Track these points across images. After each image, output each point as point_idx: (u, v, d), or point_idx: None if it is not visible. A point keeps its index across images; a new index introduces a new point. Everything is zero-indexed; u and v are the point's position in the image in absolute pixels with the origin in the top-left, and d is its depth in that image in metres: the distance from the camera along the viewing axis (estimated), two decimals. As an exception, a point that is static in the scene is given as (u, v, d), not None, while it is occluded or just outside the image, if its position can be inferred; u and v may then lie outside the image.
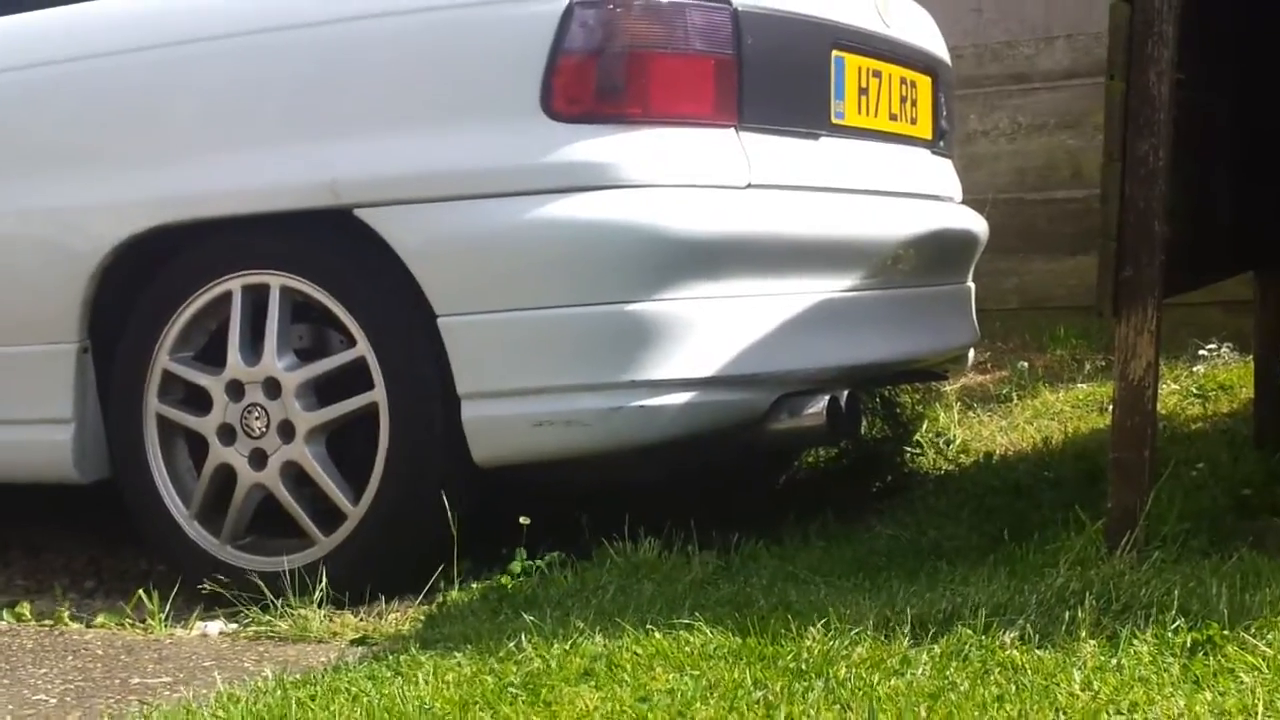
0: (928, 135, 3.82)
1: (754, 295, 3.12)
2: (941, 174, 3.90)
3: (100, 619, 3.13)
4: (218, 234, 3.24)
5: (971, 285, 3.95)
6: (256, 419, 3.19)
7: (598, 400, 2.99)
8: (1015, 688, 2.14)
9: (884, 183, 3.56)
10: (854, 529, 3.39)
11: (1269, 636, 2.24)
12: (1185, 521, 2.80)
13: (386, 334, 3.10)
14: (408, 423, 3.08)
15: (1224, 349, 4.87)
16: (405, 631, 2.83)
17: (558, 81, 2.99)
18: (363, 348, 3.12)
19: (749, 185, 3.13)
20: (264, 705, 2.33)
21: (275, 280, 3.19)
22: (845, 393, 3.22)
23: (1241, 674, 2.13)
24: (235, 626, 3.04)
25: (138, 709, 2.46)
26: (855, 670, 2.24)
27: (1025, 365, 5.00)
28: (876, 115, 3.56)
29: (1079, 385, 4.78)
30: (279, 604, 3.01)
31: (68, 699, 2.55)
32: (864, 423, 3.89)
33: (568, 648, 2.45)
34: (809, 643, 2.35)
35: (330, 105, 3.14)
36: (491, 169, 3.01)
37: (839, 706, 2.12)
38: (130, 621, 3.10)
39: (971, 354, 4.00)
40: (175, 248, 3.29)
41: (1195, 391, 4.46)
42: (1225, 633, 2.25)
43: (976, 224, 3.94)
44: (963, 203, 4.01)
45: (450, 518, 3.01)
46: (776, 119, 3.22)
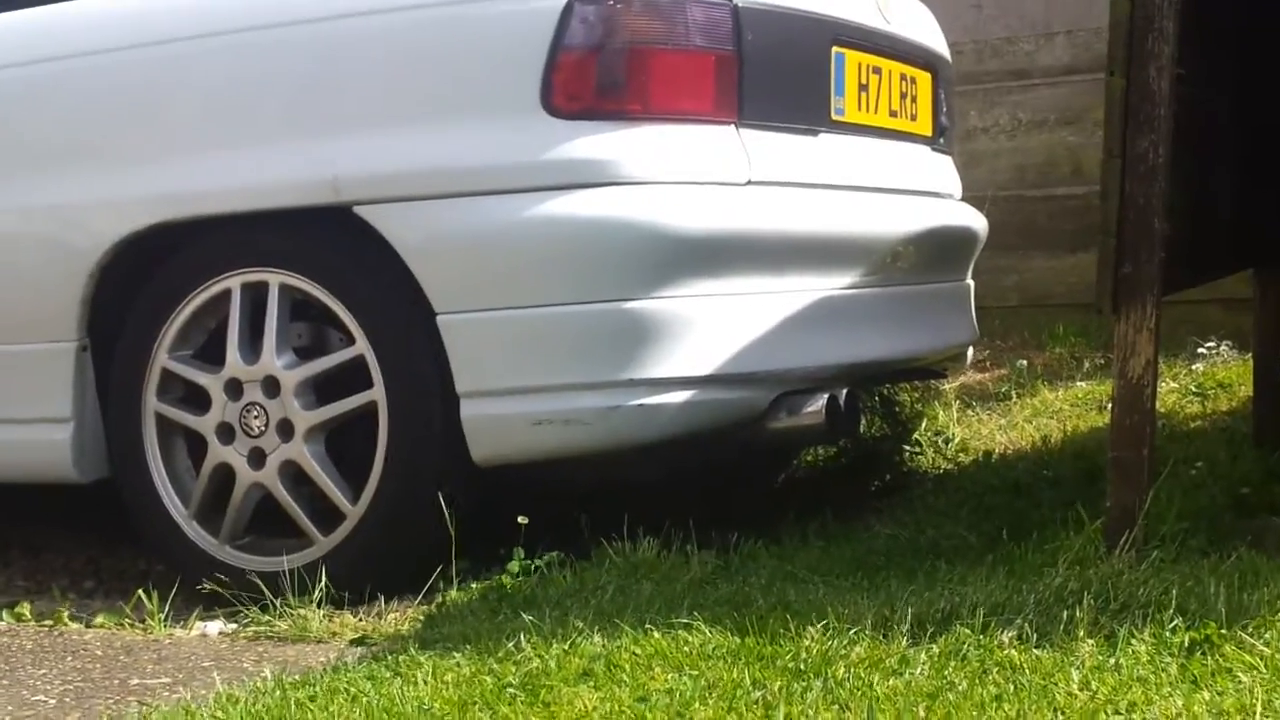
0: (928, 132, 3.82)
1: (753, 293, 3.12)
2: (941, 171, 3.90)
3: (99, 619, 3.13)
4: (217, 231, 3.24)
5: (971, 283, 3.95)
6: (255, 418, 3.19)
7: (597, 399, 2.99)
8: (1013, 687, 2.14)
9: (884, 180, 3.55)
10: (853, 528, 3.39)
11: (1267, 636, 2.24)
12: (1184, 520, 2.80)
13: (385, 332, 3.10)
14: (407, 421, 3.08)
15: (1223, 347, 4.86)
16: (404, 631, 2.83)
17: (558, 78, 2.98)
18: (362, 346, 3.11)
19: (749, 182, 3.12)
20: (263, 706, 2.33)
21: (274, 278, 3.19)
22: (844, 391, 3.22)
23: (1239, 673, 2.13)
24: (234, 626, 3.04)
25: (137, 710, 2.46)
26: (854, 670, 2.24)
27: (1024, 363, 5.00)
28: (876, 112, 3.55)
29: (1078, 383, 4.78)
30: (278, 604, 3.01)
31: (67, 699, 2.55)
32: (863, 421, 3.89)
33: (566, 648, 2.45)
34: (807, 642, 2.35)
35: (330, 102, 3.13)
36: (491, 166, 3.00)
37: (837, 706, 2.12)
38: (129, 622, 3.10)
39: (970, 352, 4.00)
40: (174, 245, 3.28)
41: (1194, 390, 4.45)
42: (1223, 632, 2.25)
43: (976, 221, 3.94)
44: (962, 200, 4.00)
45: (449, 517, 3.01)
46: (777, 115, 3.22)
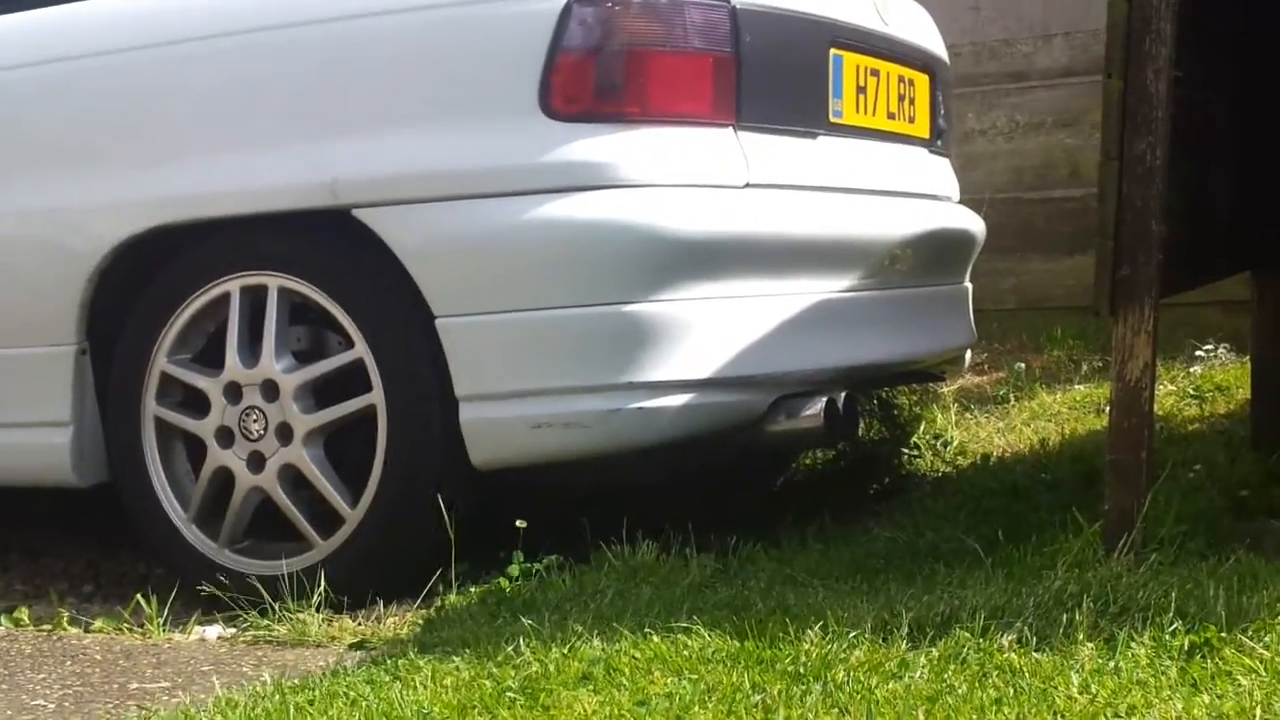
0: (925, 134, 3.82)
1: (752, 296, 3.12)
2: (939, 173, 3.90)
3: (98, 623, 3.13)
4: (216, 235, 3.24)
5: (969, 285, 3.95)
6: (254, 421, 3.19)
7: (596, 402, 2.99)
8: (1013, 690, 2.14)
9: (882, 182, 3.55)
10: (851, 531, 3.38)
11: (1266, 639, 2.24)
12: (1182, 523, 2.79)
13: (384, 335, 3.10)
14: (406, 425, 3.07)
15: (1221, 349, 4.86)
16: (403, 635, 2.83)
17: (556, 80, 2.98)
18: (361, 349, 3.11)
19: (747, 185, 3.12)
20: (262, 710, 2.33)
21: (273, 281, 3.18)
22: (843, 394, 3.21)
23: (1239, 676, 2.13)
24: (233, 631, 3.04)
25: (136, 714, 2.46)
26: (853, 673, 2.24)
27: (1022, 366, 5.00)
28: (874, 114, 3.55)
29: (1076, 386, 4.78)
30: (277, 608, 3.01)
31: (66, 704, 2.55)
32: (861, 424, 3.89)
33: (566, 652, 2.45)
34: (807, 646, 2.35)
35: (329, 105, 3.13)
36: (489, 169, 3.00)
37: (837, 710, 2.12)
38: (128, 626, 3.10)
39: (969, 355, 4.00)
40: (173, 249, 3.28)
41: (1192, 392, 4.45)
42: (1223, 635, 2.25)
43: (974, 223, 3.94)
44: (960, 202, 4.01)
45: (448, 520, 3.01)
46: (775, 118, 3.22)
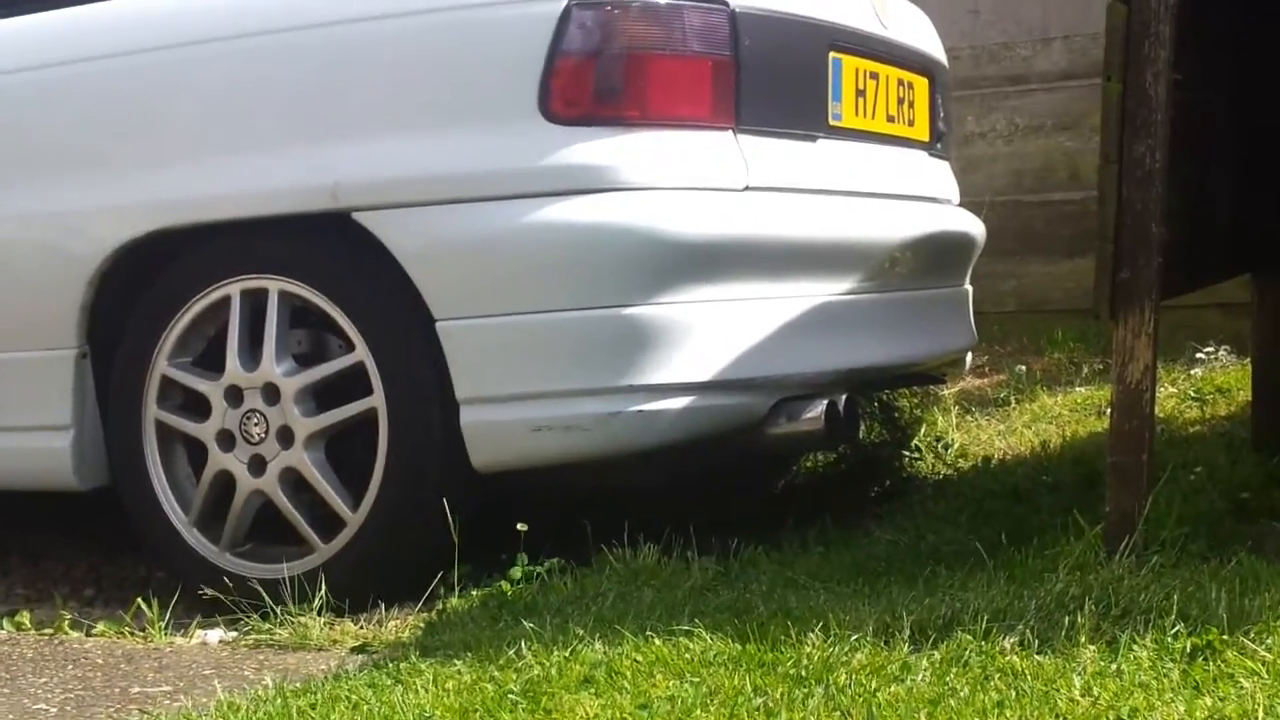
0: (925, 137, 3.82)
1: (752, 298, 3.12)
2: (939, 176, 3.90)
3: (100, 627, 3.13)
4: (217, 238, 3.24)
5: (969, 288, 3.95)
6: (255, 425, 3.19)
7: (596, 405, 2.99)
8: (1015, 693, 2.14)
9: (881, 185, 3.55)
10: (852, 534, 3.38)
11: (1268, 641, 2.24)
12: (1184, 525, 2.79)
13: (385, 339, 3.10)
14: (406, 428, 3.07)
15: (1221, 352, 4.87)
16: (405, 639, 2.83)
17: (555, 84, 2.98)
18: (361, 353, 3.11)
19: (746, 188, 3.12)
20: (264, 714, 2.33)
21: (274, 285, 3.18)
22: (843, 397, 3.21)
23: (1241, 679, 2.13)
24: (235, 634, 3.04)
25: (138, 718, 2.46)
26: (855, 676, 2.24)
27: (1023, 369, 5.00)
28: (874, 117, 3.56)
29: (1077, 389, 4.79)
30: (279, 611, 3.00)
31: (68, 708, 2.55)
32: (862, 427, 3.89)
33: (568, 655, 2.45)
34: (809, 649, 2.35)
35: (329, 108, 3.13)
36: (489, 172, 3.00)
37: (839, 713, 2.12)
38: (130, 630, 3.10)
39: (969, 357, 4.00)
40: (174, 252, 3.28)
41: (1193, 394, 4.46)
42: (1225, 637, 2.25)
43: (974, 226, 3.94)
44: (960, 205, 4.01)
45: (450, 524, 3.01)
46: (774, 121, 3.22)
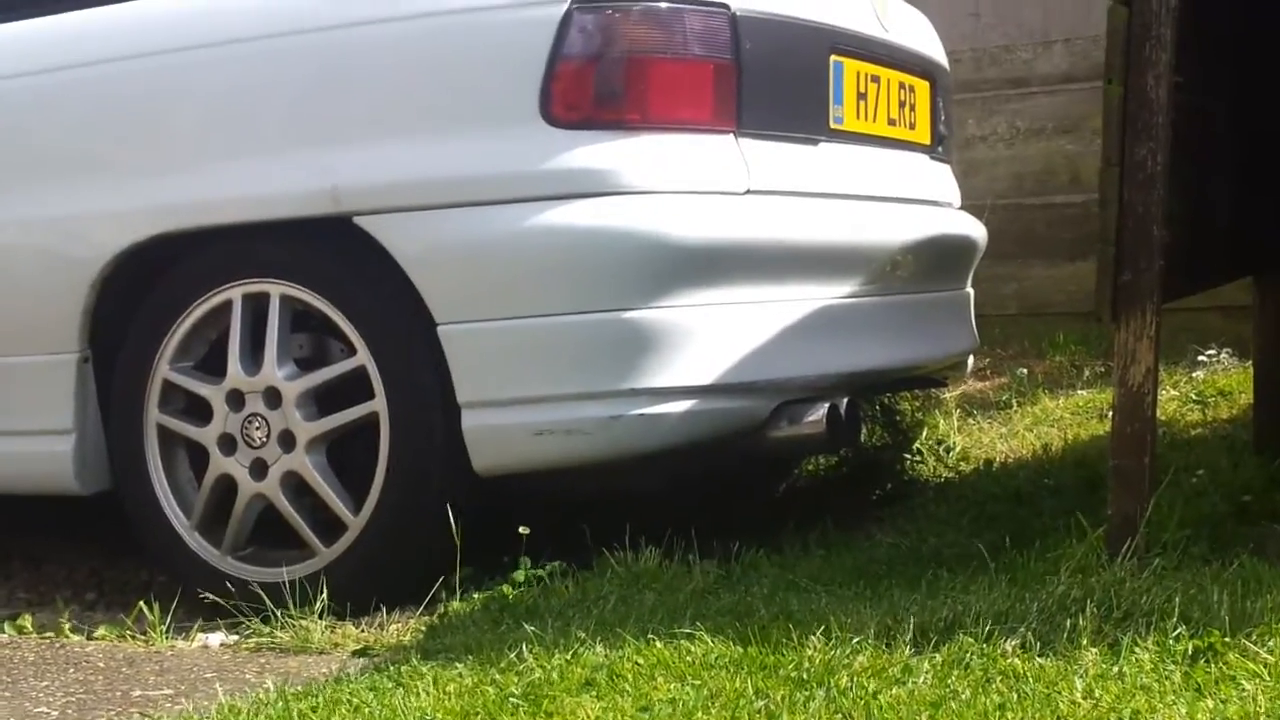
0: (926, 140, 3.82)
1: (753, 302, 3.12)
2: (940, 179, 3.90)
3: (101, 631, 3.13)
4: (218, 242, 3.24)
5: (971, 291, 3.95)
6: (257, 429, 3.19)
7: (598, 408, 2.99)
8: (1017, 696, 2.14)
9: (883, 188, 3.55)
10: (854, 537, 3.39)
11: (1270, 644, 2.24)
12: (1186, 528, 2.79)
13: (386, 343, 3.10)
14: (408, 432, 3.07)
15: (1223, 354, 4.87)
16: (406, 642, 2.83)
17: (556, 87, 2.98)
18: (363, 356, 3.12)
19: (748, 191, 3.12)
20: (265, 717, 2.33)
21: (275, 289, 3.19)
22: (845, 400, 3.21)
23: (1243, 681, 2.13)
24: (236, 638, 3.04)
25: (139, 721, 2.46)
26: (857, 679, 2.23)
27: (1025, 372, 5.01)
28: (875, 120, 3.56)
29: (1078, 392, 4.79)
30: (280, 615, 3.00)
31: (69, 712, 2.54)
32: (864, 430, 3.89)
33: (569, 658, 2.45)
34: (810, 652, 2.35)
35: (330, 112, 3.13)
36: (491, 176, 3.00)
37: (840, 716, 2.12)
38: (131, 633, 3.10)
39: (971, 360, 4.00)
40: (176, 256, 3.29)
41: (1195, 397, 4.46)
42: (1227, 640, 2.25)
43: (975, 229, 3.94)
44: (961, 208, 4.01)
45: (451, 527, 3.01)
46: (775, 124, 3.22)
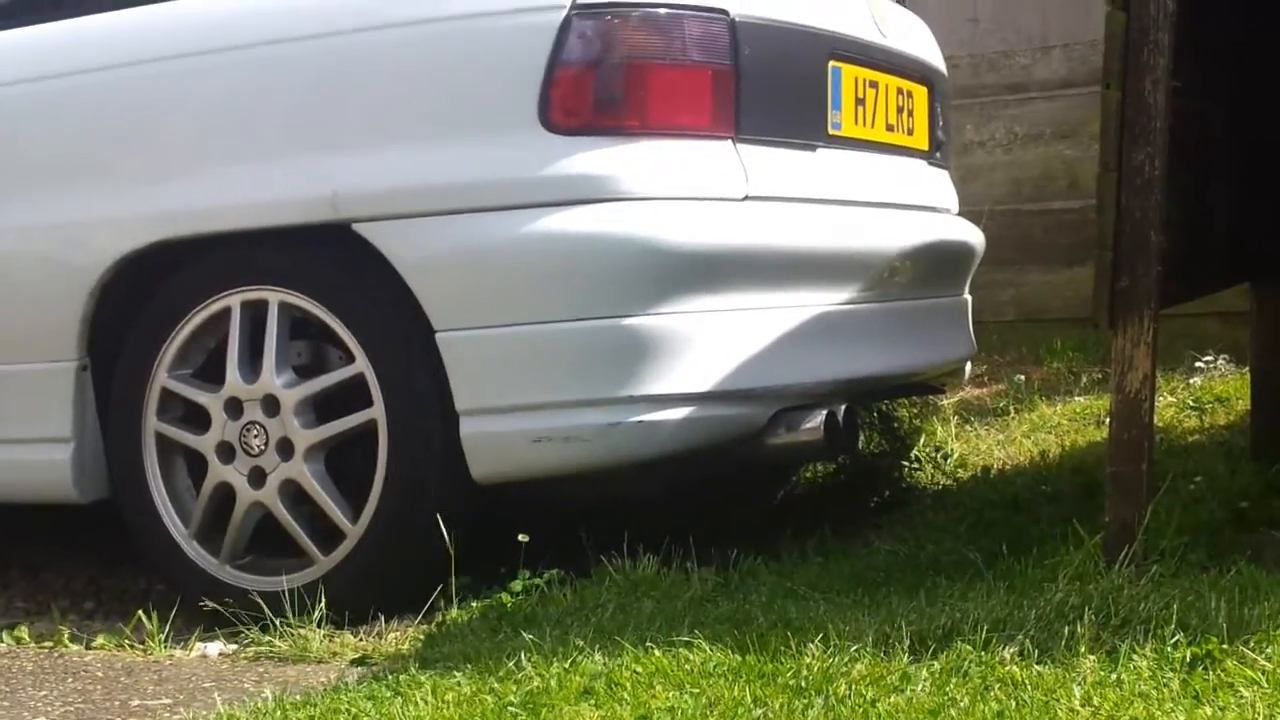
0: (924, 146, 3.82)
1: (751, 309, 3.12)
2: (938, 185, 3.90)
3: (100, 640, 3.12)
4: (217, 249, 3.24)
5: (968, 297, 3.95)
6: (255, 437, 3.19)
7: (596, 416, 2.99)
8: (1015, 704, 2.14)
9: (881, 194, 3.56)
10: (852, 544, 3.39)
11: (1268, 650, 2.24)
12: (1183, 535, 2.79)
13: (385, 350, 3.10)
14: (406, 439, 3.07)
15: (1220, 360, 4.87)
16: (405, 651, 2.82)
17: (555, 93, 2.99)
18: (361, 364, 3.12)
19: (746, 197, 3.12)
20: (264, 726, 2.34)
21: (274, 296, 3.19)
22: (842, 407, 3.21)
23: (1241, 688, 2.13)
24: (235, 647, 3.03)
25: (137, 730, 2.46)
26: (855, 687, 2.23)
27: (1022, 378, 5.01)
28: (873, 126, 3.56)
29: (1076, 398, 4.79)
30: (278, 624, 3.00)
31: (68, 720, 2.55)
32: (861, 437, 3.89)
33: (567, 666, 2.45)
34: (808, 660, 2.35)
35: (329, 119, 3.13)
36: (489, 182, 3.00)
37: (839, 724, 2.12)
38: (130, 642, 3.10)
39: (969, 367, 4.00)
40: (174, 263, 3.29)
41: (1192, 404, 4.46)
42: (1224, 647, 2.25)
43: (973, 235, 3.94)
44: (959, 214, 4.01)
45: (449, 535, 3.01)
46: (774, 130, 3.22)
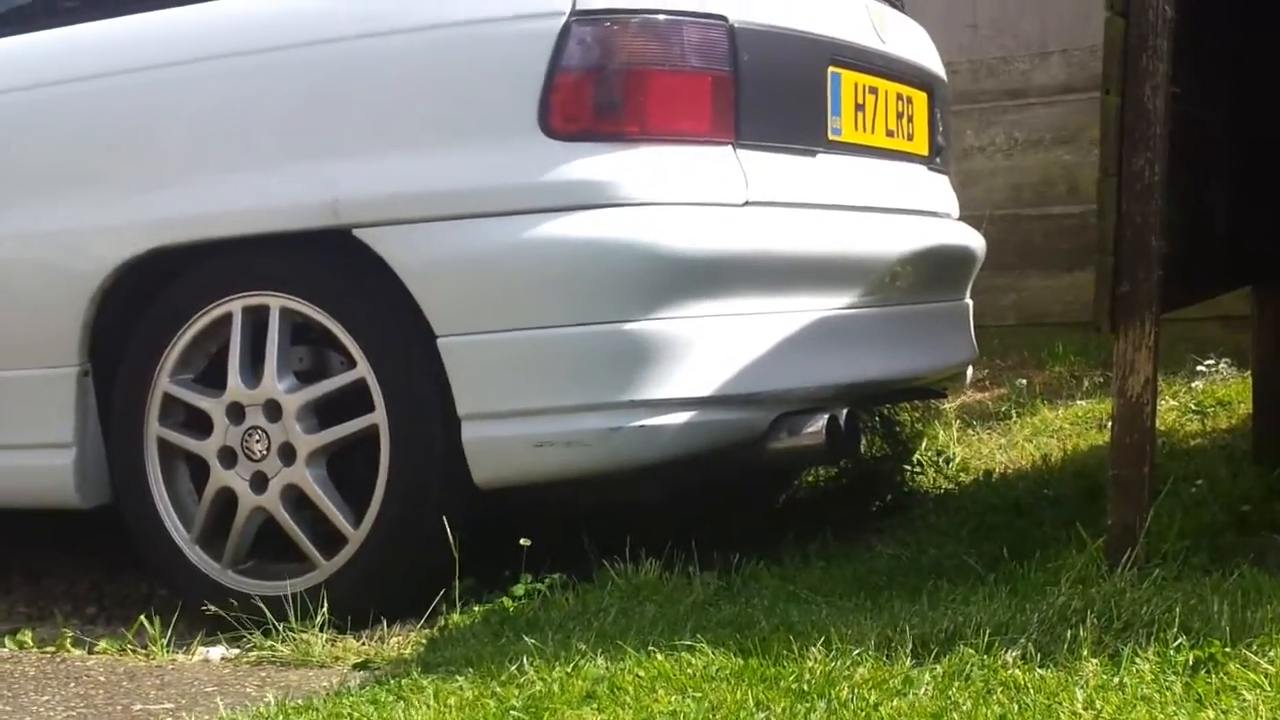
0: (924, 151, 3.83)
1: (752, 313, 3.12)
2: (938, 190, 3.90)
3: (102, 645, 3.13)
4: (218, 255, 3.24)
5: (969, 302, 3.96)
6: (257, 442, 3.19)
7: (598, 420, 2.99)
8: (1017, 707, 2.14)
9: (881, 199, 3.56)
10: (854, 548, 3.39)
11: (1271, 654, 2.24)
12: (1185, 538, 2.80)
13: (386, 355, 3.10)
14: (408, 444, 3.07)
15: (1222, 364, 4.87)
16: (407, 655, 2.83)
17: (555, 99, 2.99)
18: (363, 369, 3.12)
19: (746, 203, 3.13)
20: (266, 730, 2.34)
21: (275, 301, 3.19)
22: (844, 411, 3.22)
23: (1244, 691, 2.13)
24: (237, 651, 3.03)
25: (140, 735, 2.47)
26: (857, 691, 2.24)
27: (1024, 382, 5.01)
28: (873, 132, 3.56)
29: (1078, 402, 4.79)
30: (281, 628, 3.00)
31: (70, 725, 2.55)
32: (863, 441, 3.89)
33: (570, 670, 2.45)
34: (811, 663, 2.35)
35: (329, 125, 3.14)
36: (490, 188, 3.01)
37: (842, 728, 2.12)
38: (132, 647, 3.10)
39: (970, 371, 4.00)
40: (175, 269, 3.29)
41: (1194, 407, 4.46)
42: (1227, 650, 2.25)
43: (973, 240, 3.95)
44: (959, 219, 4.01)
45: (451, 540, 3.01)
46: (774, 136, 3.22)
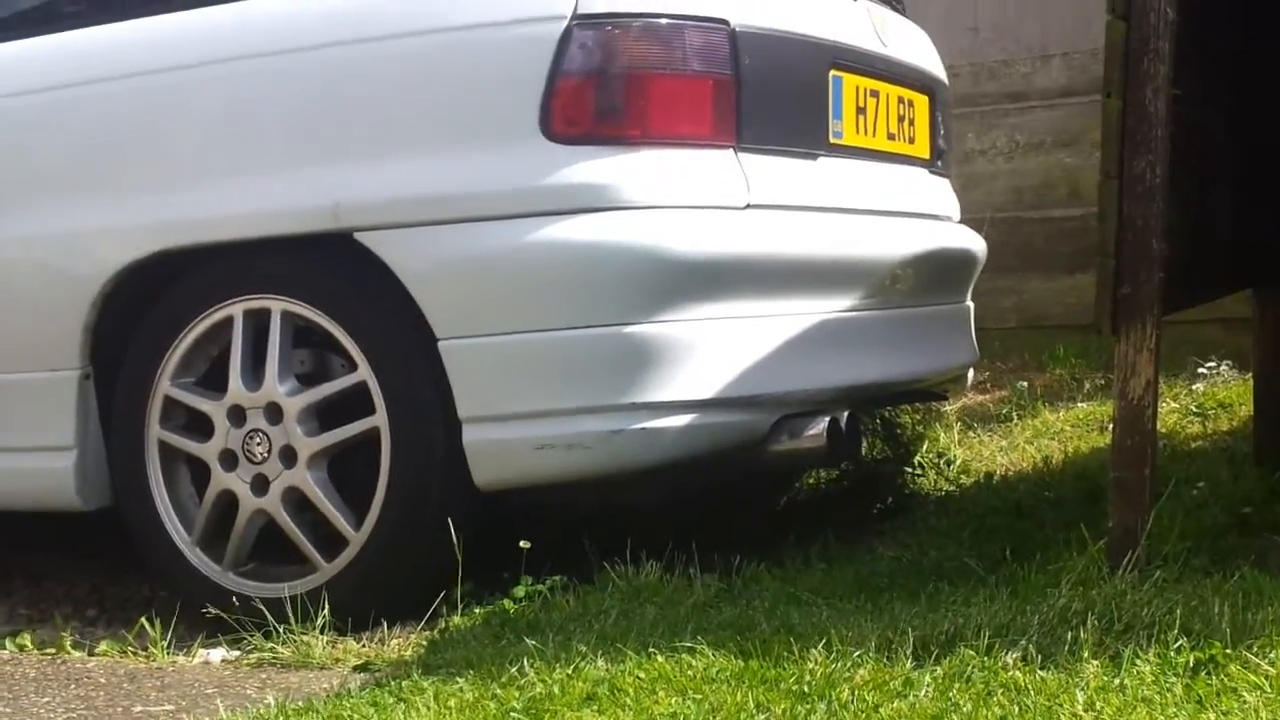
0: (925, 154, 3.83)
1: (753, 316, 3.12)
2: (939, 193, 3.91)
3: (103, 647, 3.13)
4: (219, 259, 3.24)
5: (970, 305, 3.96)
6: (258, 444, 3.19)
7: (599, 423, 2.99)
8: (1018, 709, 2.14)
9: (882, 202, 3.56)
10: (855, 550, 3.39)
11: (1272, 655, 2.23)
12: (1186, 540, 2.80)
13: (387, 358, 3.10)
14: (409, 447, 3.08)
15: (1223, 367, 4.87)
16: (408, 657, 2.83)
17: (556, 103, 2.99)
18: (364, 372, 3.12)
19: (748, 206, 3.13)
20: (267, 732, 2.34)
21: (276, 304, 3.19)
22: (845, 414, 3.22)
23: (1245, 693, 2.13)
24: (237, 653, 3.04)
25: (141, 737, 2.47)
26: (858, 692, 2.23)
27: (1025, 385, 5.01)
28: (874, 135, 3.56)
29: (1079, 404, 4.79)
30: (281, 630, 3.00)
31: (70, 727, 2.55)
32: (864, 444, 3.89)
33: (570, 672, 2.45)
34: (811, 665, 2.35)
35: (331, 129, 3.14)
36: (491, 191, 3.01)
37: (842, 729, 2.12)
38: (133, 649, 3.10)
39: (971, 374, 4.00)
40: (176, 273, 3.29)
41: (1195, 410, 4.46)
42: (1228, 652, 2.25)
43: (975, 243, 3.95)
44: (961, 222, 4.01)
45: (452, 542, 3.01)
46: (775, 139, 3.22)
